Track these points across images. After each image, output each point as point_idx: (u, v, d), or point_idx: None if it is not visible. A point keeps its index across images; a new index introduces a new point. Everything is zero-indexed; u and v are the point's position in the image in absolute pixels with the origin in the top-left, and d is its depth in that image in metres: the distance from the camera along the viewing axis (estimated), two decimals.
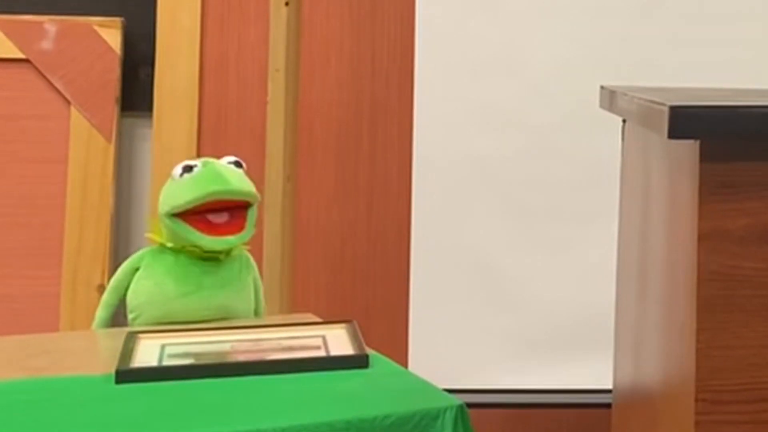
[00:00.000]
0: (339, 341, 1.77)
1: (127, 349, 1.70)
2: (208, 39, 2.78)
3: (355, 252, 2.79)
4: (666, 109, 1.38)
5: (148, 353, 1.71)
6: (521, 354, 2.60)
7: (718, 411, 1.40)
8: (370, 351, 1.72)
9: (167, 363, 1.67)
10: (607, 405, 2.09)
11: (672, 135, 1.37)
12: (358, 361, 1.68)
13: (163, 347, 1.74)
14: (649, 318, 1.70)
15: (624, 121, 1.98)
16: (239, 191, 1.93)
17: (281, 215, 2.53)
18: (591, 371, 2.52)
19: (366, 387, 1.61)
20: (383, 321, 2.75)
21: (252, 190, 1.95)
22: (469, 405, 1.58)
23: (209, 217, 1.92)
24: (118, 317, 2.03)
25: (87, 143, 2.71)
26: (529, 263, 2.60)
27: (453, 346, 2.60)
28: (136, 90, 2.77)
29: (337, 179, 2.78)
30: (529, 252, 2.60)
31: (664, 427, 1.58)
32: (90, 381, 1.62)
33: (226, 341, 1.77)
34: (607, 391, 2.09)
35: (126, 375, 1.62)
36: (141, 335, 1.78)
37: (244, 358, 1.69)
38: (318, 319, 1.96)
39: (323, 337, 1.79)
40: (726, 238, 1.39)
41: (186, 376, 1.62)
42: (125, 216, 2.77)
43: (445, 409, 1.54)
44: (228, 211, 1.93)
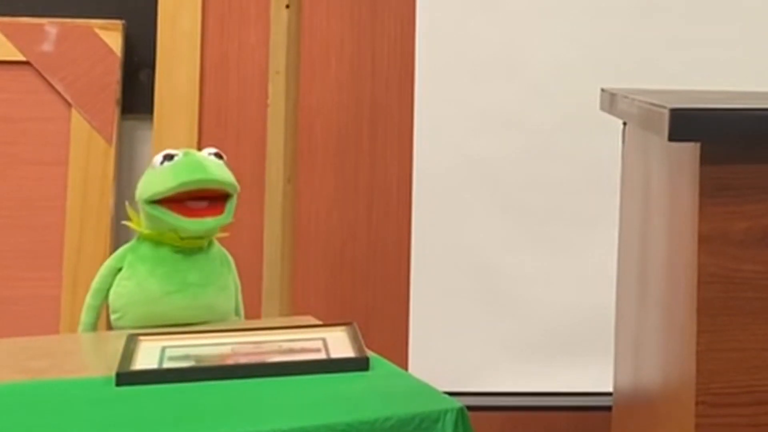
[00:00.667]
0: (339, 344, 1.77)
1: (128, 352, 1.71)
2: (208, 41, 2.78)
3: (356, 254, 2.79)
4: (666, 112, 1.38)
5: (148, 355, 1.71)
6: (521, 356, 2.60)
7: (718, 414, 1.40)
8: (370, 353, 1.72)
9: (168, 365, 1.67)
10: (608, 408, 2.09)
11: (672, 137, 1.37)
12: (358, 364, 1.68)
13: (164, 349, 1.74)
14: (650, 320, 1.70)
15: (624, 124, 1.98)
16: (218, 180, 1.94)
17: (281, 217, 2.53)
18: (591, 374, 2.52)
19: (366, 389, 1.61)
20: (383, 323, 2.75)
21: (231, 180, 1.96)
22: (470, 407, 1.58)
23: (188, 204, 1.93)
24: (103, 318, 2.03)
25: (87, 145, 2.71)
26: (530, 265, 2.60)
27: (453, 348, 2.60)
28: (136, 92, 2.77)
29: (338, 181, 2.78)
30: (530, 254, 2.60)
31: (664, 430, 1.58)
32: (90, 383, 1.62)
33: (226, 344, 1.78)
34: (608, 394, 2.09)
35: (126, 377, 1.62)
36: (141, 337, 1.78)
37: (244, 360, 1.69)
38: (318, 322, 1.96)
39: (323, 340, 1.79)
40: (726, 240, 1.39)
41: (186, 378, 1.62)
42: (125, 218, 2.77)
43: (446, 412, 1.54)
44: (207, 200, 1.94)
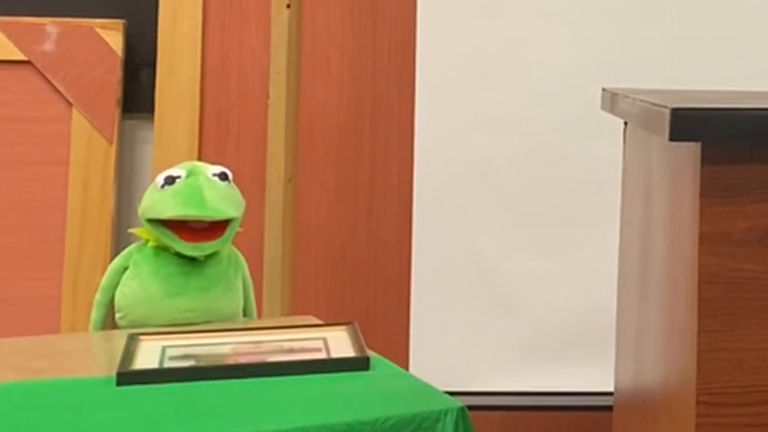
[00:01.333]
0: (340, 343, 1.77)
1: (128, 351, 1.70)
2: (209, 41, 2.78)
3: (356, 254, 2.79)
4: (667, 112, 1.38)
5: (149, 355, 1.71)
6: (522, 356, 2.60)
7: (718, 413, 1.40)
8: (371, 353, 1.72)
9: (168, 365, 1.67)
10: (608, 407, 2.09)
11: (673, 137, 1.37)
12: (359, 364, 1.68)
13: (164, 349, 1.74)
14: (650, 320, 1.69)
15: (625, 124, 1.98)
16: (214, 215, 1.93)
17: (282, 217, 2.53)
18: (591, 374, 2.52)
19: (367, 389, 1.61)
20: (384, 323, 2.75)
21: (227, 211, 1.94)
22: (470, 407, 1.58)
23: (189, 224, 1.94)
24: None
25: (88, 145, 2.71)
26: (531, 266, 2.60)
27: (454, 348, 2.60)
28: (137, 92, 2.77)
29: (338, 181, 2.78)
30: (531, 254, 2.60)
31: (664, 430, 1.58)
32: (91, 383, 1.62)
33: (227, 343, 1.78)
34: (608, 394, 2.09)
35: (127, 377, 1.62)
36: (142, 337, 1.78)
37: (245, 360, 1.69)
38: (319, 321, 1.96)
39: (324, 339, 1.79)
40: (727, 240, 1.39)
41: (187, 378, 1.62)
42: (126, 218, 2.77)
43: (446, 412, 1.54)
44: (209, 222, 1.94)
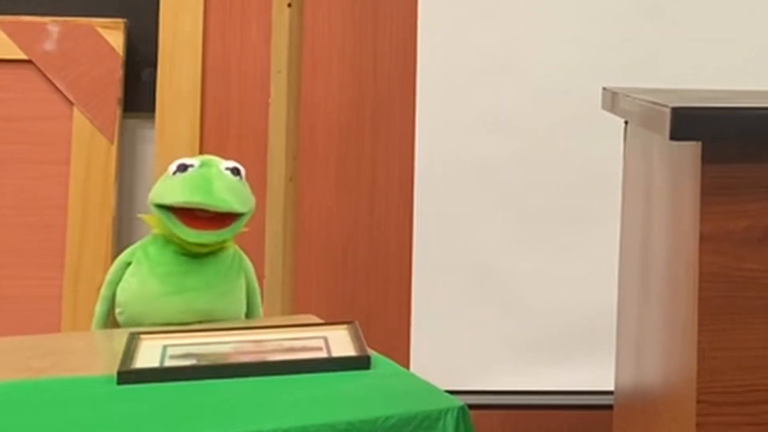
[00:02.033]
0: (341, 342, 1.77)
1: (129, 350, 1.70)
2: (210, 40, 2.78)
3: (357, 253, 2.79)
4: (668, 111, 1.38)
5: (149, 354, 1.71)
6: (523, 355, 2.60)
7: (719, 413, 1.40)
8: (371, 352, 1.72)
9: (169, 364, 1.67)
10: (609, 406, 2.09)
11: (674, 136, 1.37)
12: (359, 362, 1.68)
13: (165, 348, 1.74)
14: (651, 319, 1.69)
15: (626, 123, 1.98)
16: (219, 204, 1.93)
17: (283, 216, 2.54)
18: (592, 373, 2.52)
19: (367, 388, 1.61)
20: (385, 322, 2.75)
21: (233, 204, 1.95)
22: (471, 406, 1.58)
23: (196, 212, 1.94)
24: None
25: (89, 144, 2.71)
26: (531, 265, 2.60)
27: (455, 347, 2.60)
28: (138, 91, 2.77)
29: (339, 180, 2.78)
30: (531, 254, 2.60)
31: (665, 429, 1.58)
32: (92, 382, 1.62)
33: (227, 342, 1.77)
34: (609, 393, 2.09)
35: (127, 376, 1.62)
36: (143, 336, 1.78)
37: (245, 359, 1.69)
38: (320, 320, 1.96)
39: (325, 338, 1.79)
40: (727, 239, 1.39)
41: (188, 377, 1.62)
42: (127, 217, 2.77)
43: (447, 411, 1.54)
44: (215, 212, 1.95)
